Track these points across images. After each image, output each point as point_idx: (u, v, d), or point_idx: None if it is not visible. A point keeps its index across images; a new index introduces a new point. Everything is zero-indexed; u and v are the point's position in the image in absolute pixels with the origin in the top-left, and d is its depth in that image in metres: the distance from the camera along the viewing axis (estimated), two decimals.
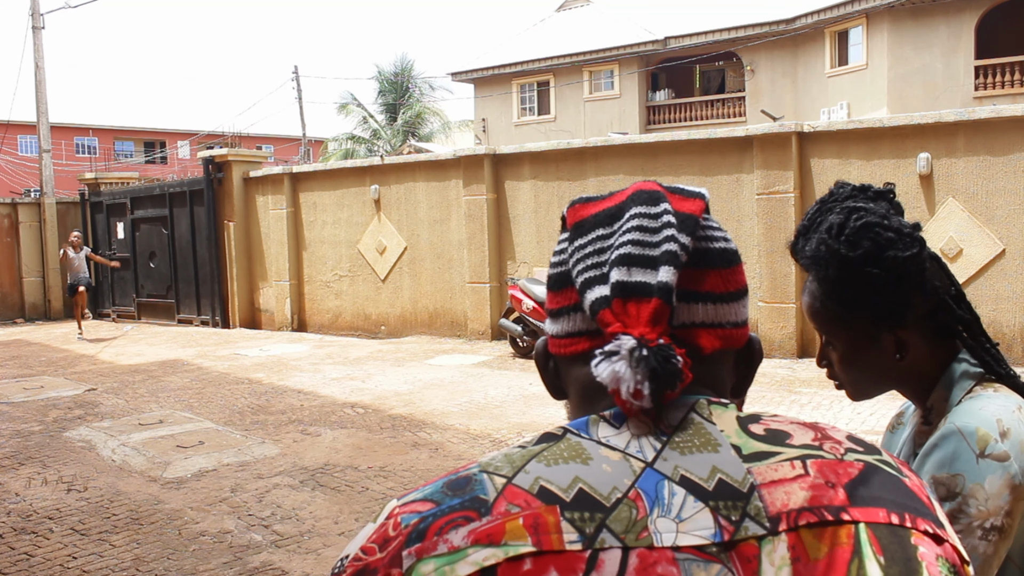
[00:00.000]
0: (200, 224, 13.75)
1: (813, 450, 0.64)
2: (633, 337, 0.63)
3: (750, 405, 6.73)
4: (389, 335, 11.88)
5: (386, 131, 34.95)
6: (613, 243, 0.69)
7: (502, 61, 28.63)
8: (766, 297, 8.91)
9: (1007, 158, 7.77)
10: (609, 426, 0.65)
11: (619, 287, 0.65)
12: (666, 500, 0.60)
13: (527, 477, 0.61)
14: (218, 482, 5.28)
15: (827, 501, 0.60)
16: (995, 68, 20.51)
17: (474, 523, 0.59)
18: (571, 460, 0.62)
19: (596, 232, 0.71)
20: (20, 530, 4.56)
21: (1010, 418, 1.11)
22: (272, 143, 45.27)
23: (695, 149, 9.38)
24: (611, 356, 0.63)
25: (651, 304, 0.64)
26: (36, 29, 16.88)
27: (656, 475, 0.61)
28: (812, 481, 0.61)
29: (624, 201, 0.72)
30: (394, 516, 0.62)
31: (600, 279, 0.67)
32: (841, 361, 1.25)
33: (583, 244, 0.71)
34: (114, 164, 38.13)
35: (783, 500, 0.60)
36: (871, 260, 1.14)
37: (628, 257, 0.66)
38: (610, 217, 0.71)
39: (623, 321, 0.64)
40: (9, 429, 6.91)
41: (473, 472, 0.64)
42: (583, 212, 0.73)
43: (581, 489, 0.60)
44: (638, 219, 0.69)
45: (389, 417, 6.85)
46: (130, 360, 10.51)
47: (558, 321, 0.72)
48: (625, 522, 0.59)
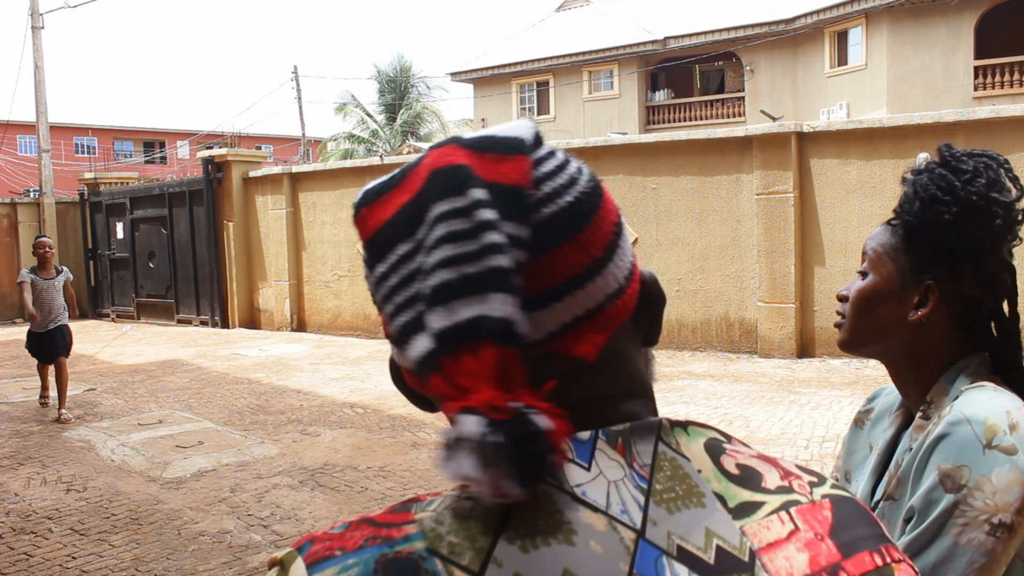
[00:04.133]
0: (199, 224, 13.75)
1: (788, 494, 0.57)
2: (477, 413, 0.47)
3: (749, 406, 6.73)
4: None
5: (385, 131, 34.95)
6: (422, 265, 0.51)
7: (501, 61, 28.65)
8: (765, 297, 8.91)
9: (1007, 158, 7.77)
10: (579, 469, 0.52)
11: (442, 337, 0.49)
12: None
13: (500, 573, 0.47)
14: (217, 482, 5.28)
15: (825, 561, 0.55)
16: (995, 68, 20.51)
17: None
18: (551, 538, 0.48)
19: (396, 251, 0.54)
20: (19, 530, 4.56)
21: (1019, 412, 1.07)
22: (271, 143, 45.28)
23: (694, 149, 9.38)
24: (454, 449, 0.47)
25: (488, 353, 0.48)
26: (36, 29, 16.88)
27: (652, 550, 0.51)
28: (804, 537, 0.55)
29: (420, 193, 0.53)
30: None
31: (415, 325, 0.51)
32: (861, 291, 1.22)
33: (384, 273, 0.55)
34: (113, 164, 38.17)
35: (787, 568, 0.54)
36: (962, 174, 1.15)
37: (445, 288, 0.49)
38: (408, 223, 0.53)
39: (459, 385, 0.48)
40: (8, 429, 6.91)
41: (418, 551, 0.48)
42: (372, 220, 0.56)
43: None
44: (445, 223, 0.51)
45: (389, 417, 6.85)
46: (129, 360, 10.51)
47: (395, 349, 0.55)
48: None
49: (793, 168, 8.70)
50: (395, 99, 35.57)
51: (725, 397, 7.07)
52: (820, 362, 8.45)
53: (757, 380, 7.76)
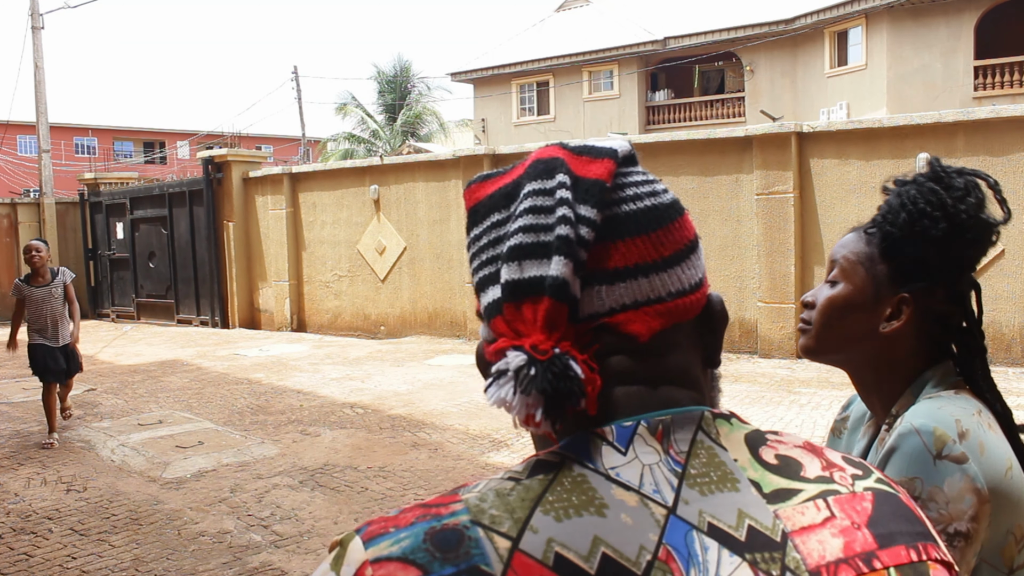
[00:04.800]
0: (199, 224, 13.75)
1: (828, 483, 0.59)
2: (523, 351, 0.55)
3: (749, 406, 6.73)
4: (388, 335, 11.88)
5: (385, 131, 34.96)
6: (509, 232, 0.59)
7: (501, 61, 28.65)
8: (765, 297, 8.91)
9: (1006, 158, 7.77)
10: (614, 452, 0.56)
11: (509, 288, 0.57)
12: (700, 557, 0.53)
13: (536, 540, 0.51)
14: (217, 482, 5.28)
15: (859, 548, 0.56)
16: (994, 68, 20.52)
17: None
18: (583, 510, 0.53)
19: (491, 218, 0.62)
20: (19, 530, 4.56)
21: (969, 420, 1.07)
22: (271, 143, 45.28)
23: (694, 149, 9.38)
24: (499, 378, 0.55)
25: (541, 305, 0.56)
26: (36, 29, 16.88)
27: (682, 524, 0.54)
28: (840, 524, 0.57)
29: (521, 175, 0.62)
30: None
31: (493, 278, 0.59)
32: (831, 299, 1.20)
33: (478, 235, 0.63)
34: (113, 164, 38.17)
35: (819, 551, 0.55)
36: (953, 191, 1.13)
37: (520, 248, 0.58)
38: (506, 197, 0.61)
39: (516, 329, 0.56)
40: (8, 429, 6.91)
41: (463, 522, 0.52)
42: (479, 193, 0.64)
43: (605, 554, 0.51)
44: (531, 198, 0.59)
45: (389, 417, 6.85)
46: (129, 360, 10.51)
47: (489, 321, 0.62)
48: None
49: (793, 168, 8.70)
50: (395, 99, 35.58)
51: (725, 397, 7.04)
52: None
53: (757, 380, 7.76)
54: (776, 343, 8.85)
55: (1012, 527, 1.05)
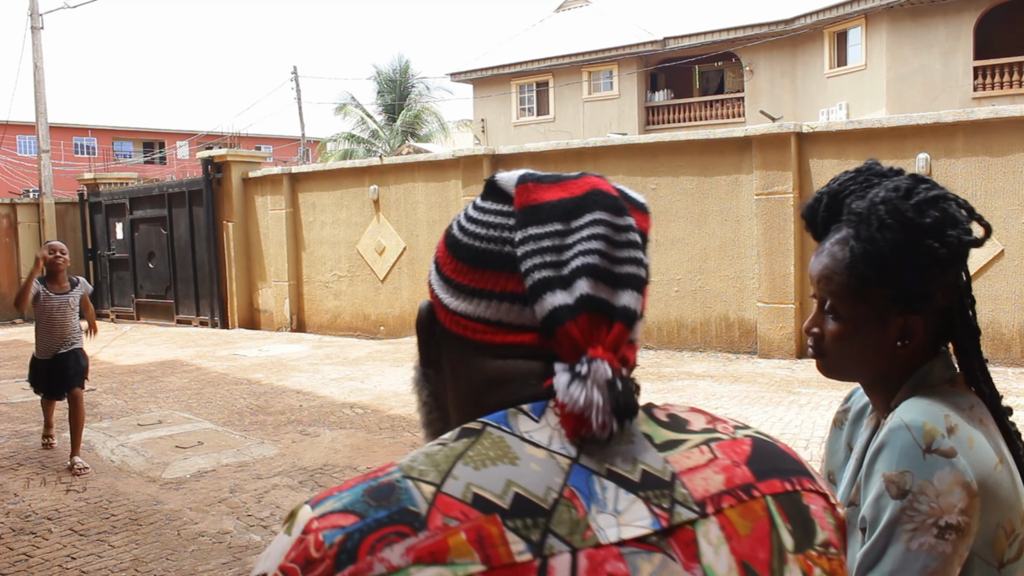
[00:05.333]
0: (199, 224, 13.75)
1: (711, 433, 0.68)
2: (608, 365, 0.62)
3: (749, 406, 6.73)
4: (388, 335, 11.88)
5: (385, 131, 34.96)
6: (572, 244, 0.66)
7: (501, 61, 28.64)
8: (765, 298, 8.91)
9: (1006, 159, 7.77)
10: (529, 419, 0.64)
11: (588, 302, 0.64)
12: (600, 495, 0.60)
13: (457, 484, 0.58)
14: (217, 483, 5.28)
15: (739, 480, 0.65)
16: (994, 69, 20.52)
17: (410, 539, 0.56)
18: (499, 461, 0.60)
19: (552, 225, 0.67)
20: (19, 530, 4.56)
21: (959, 415, 1.09)
22: (271, 143, 45.29)
23: (694, 149, 9.38)
24: (583, 380, 0.61)
25: (615, 328, 0.64)
26: (35, 29, 16.87)
27: (584, 471, 0.61)
28: (722, 463, 0.65)
29: (582, 197, 0.68)
30: (313, 532, 0.57)
31: (560, 283, 0.64)
32: (838, 333, 1.20)
33: (538, 235, 0.66)
34: (113, 164, 38.17)
35: (704, 486, 0.63)
36: (934, 232, 1.11)
37: (595, 269, 0.64)
38: (567, 212, 0.67)
39: (588, 341, 0.63)
40: (8, 429, 6.90)
41: (395, 478, 0.59)
42: (537, 195, 0.68)
43: (517, 494, 0.59)
44: (603, 227, 0.66)
45: (388, 417, 6.85)
46: (129, 360, 10.50)
47: (472, 301, 0.67)
48: (568, 524, 0.58)
49: (792, 168, 8.70)
50: (395, 99, 35.58)
51: (724, 397, 7.08)
52: None
53: (756, 380, 7.76)
54: (775, 343, 8.85)
55: (1002, 521, 1.06)
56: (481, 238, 0.68)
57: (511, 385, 0.66)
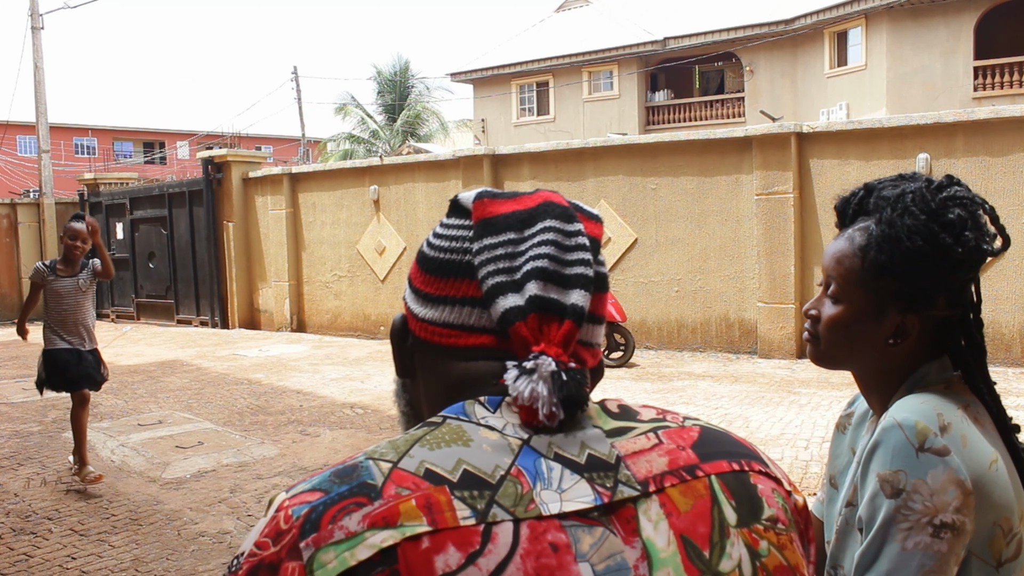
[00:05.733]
0: (199, 225, 13.75)
1: (660, 422, 0.72)
2: (553, 359, 0.66)
3: (749, 406, 6.73)
4: (388, 335, 11.87)
5: (385, 131, 34.96)
6: (524, 251, 0.70)
7: (501, 61, 28.64)
8: (765, 298, 8.91)
9: (1006, 159, 7.77)
10: (485, 408, 0.68)
11: (536, 302, 0.68)
12: (545, 475, 0.64)
13: (412, 461, 0.63)
14: (217, 483, 5.28)
15: (682, 462, 0.68)
16: (994, 69, 20.52)
17: (367, 507, 0.60)
18: (453, 443, 0.65)
19: (506, 235, 0.72)
20: (19, 530, 4.56)
21: (952, 413, 1.08)
22: (271, 143, 45.29)
23: (694, 150, 9.38)
24: (530, 374, 0.66)
25: (564, 325, 0.68)
26: (35, 29, 16.88)
27: (533, 453, 0.65)
28: (666, 448, 0.69)
29: (534, 208, 0.73)
30: (284, 509, 0.63)
31: (512, 287, 0.69)
32: (834, 319, 1.21)
33: (492, 244, 0.71)
34: (113, 164, 38.18)
35: (647, 468, 0.67)
36: (952, 229, 1.12)
37: (544, 272, 0.69)
38: (521, 222, 0.72)
39: (536, 338, 0.67)
40: (8, 429, 6.90)
41: (359, 460, 0.65)
42: (492, 208, 0.74)
43: (466, 470, 0.63)
44: (552, 233, 0.71)
45: (388, 417, 6.85)
46: (129, 360, 10.50)
47: (437, 308, 0.73)
48: (513, 497, 0.62)
49: (793, 168, 8.70)
50: (395, 100, 35.58)
51: (725, 397, 7.08)
52: None
53: (757, 380, 7.76)
54: (776, 343, 8.85)
55: (999, 519, 1.05)
56: (445, 250, 0.74)
57: (476, 385, 0.71)
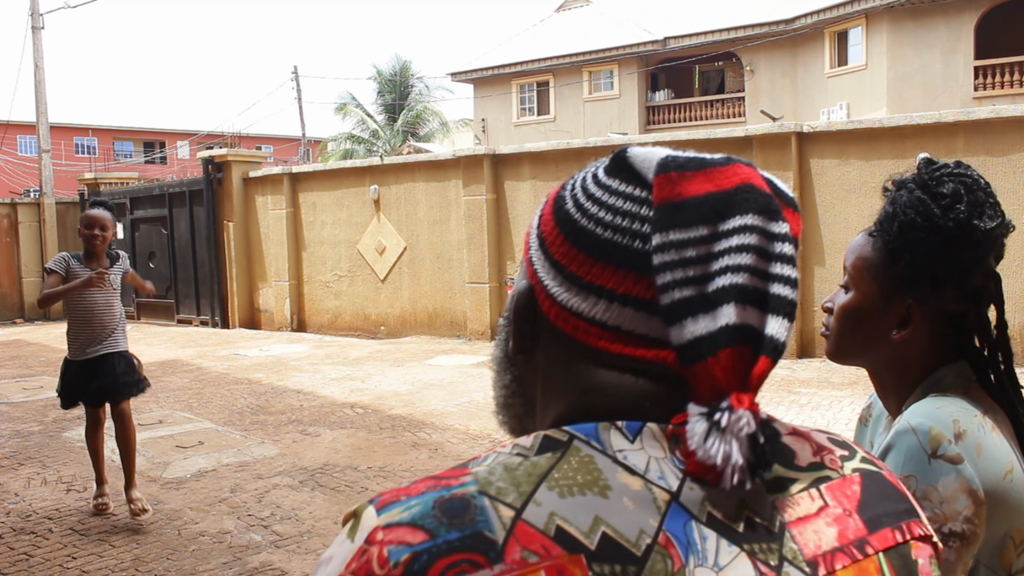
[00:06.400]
0: (199, 224, 13.75)
1: (820, 470, 0.61)
2: (751, 416, 0.54)
3: None
4: (389, 335, 11.88)
5: (385, 131, 34.96)
6: (719, 254, 0.57)
7: (502, 61, 28.65)
8: None
9: (1006, 158, 7.77)
10: (623, 438, 0.57)
11: (733, 334, 0.55)
12: (699, 545, 0.54)
13: (539, 512, 0.52)
14: (217, 482, 5.28)
15: (852, 536, 0.59)
16: (994, 68, 20.52)
17: (484, 570, 0.50)
18: (587, 490, 0.54)
19: (698, 230, 0.58)
20: (19, 530, 4.56)
21: (969, 421, 1.06)
22: (271, 143, 45.30)
23: (694, 149, 9.35)
24: (722, 431, 0.54)
25: (760, 364, 0.55)
26: (36, 29, 16.88)
27: (683, 514, 0.55)
28: (833, 513, 0.59)
29: (732, 193, 0.59)
30: (378, 544, 0.52)
31: (702, 305, 0.56)
32: (843, 307, 1.21)
33: (681, 241, 0.58)
34: (113, 164, 38.19)
35: (815, 541, 0.57)
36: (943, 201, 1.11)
37: (744, 291, 0.56)
38: (715, 213, 0.58)
39: (729, 383, 0.55)
40: (8, 429, 6.90)
41: (471, 492, 0.54)
42: (682, 188, 0.59)
43: (605, 534, 0.52)
44: (755, 236, 0.57)
45: (389, 417, 6.85)
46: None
47: (587, 298, 0.60)
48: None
49: (793, 168, 8.70)
50: (395, 99, 35.59)
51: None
52: (820, 362, 8.45)
53: None
54: None
55: (1011, 531, 1.04)
56: (606, 225, 0.60)
57: (619, 401, 0.59)
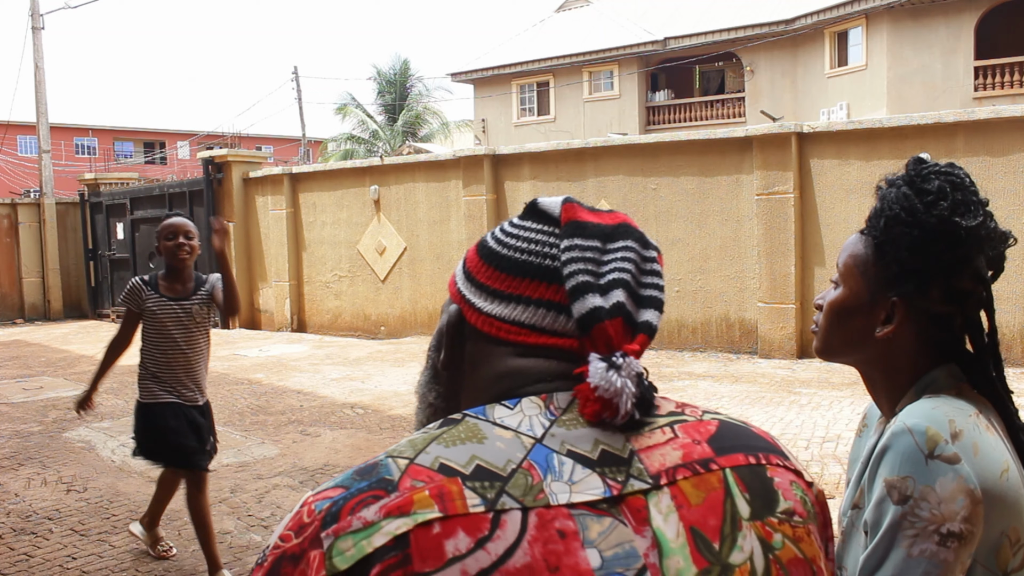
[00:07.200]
0: (200, 224, 13.72)
1: (677, 416, 0.74)
2: (636, 362, 0.70)
3: (750, 407, 6.73)
4: (389, 335, 11.88)
5: (385, 132, 34.96)
6: (608, 261, 0.75)
7: (502, 62, 28.65)
8: (765, 298, 8.91)
9: (1007, 159, 7.77)
10: (504, 408, 0.71)
11: (622, 309, 0.72)
12: (557, 468, 0.66)
13: (428, 457, 0.66)
14: (217, 482, 5.28)
15: (697, 456, 0.70)
16: (994, 69, 20.52)
17: (383, 499, 0.63)
18: (468, 440, 0.68)
19: (593, 241, 0.76)
20: (20, 530, 4.56)
21: (965, 421, 1.06)
22: (271, 143, 45.29)
23: (694, 150, 9.38)
24: (618, 369, 0.69)
25: (639, 338, 0.72)
26: (36, 29, 16.88)
27: (545, 449, 0.68)
28: (681, 441, 0.71)
29: (615, 227, 0.78)
30: (308, 504, 0.67)
31: (598, 289, 0.73)
32: (831, 304, 1.22)
33: (583, 246, 0.75)
34: (114, 165, 38.20)
35: (660, 461, 0.69)
36: (927, 197, 1.12)
37: (627, 284, 0.73)
38: (605, 235, 0.76)
39: (620, 340, 0.71)
40: (8, 429, 6.90)
41: (380, 458, 0.68)
42: (583, 215, 0.78)
43: (478, 464, 0.66)
44: (633, 253, 0.76)
45: (389, 418, 6.85)
46: (129, 360, 10.46)
47: (508, 305, 0.75)
48: (522, 487, 0.64)
49: (793, 168, 8.70)
50: (395, 100, 35.58)
51: (725, 397, 7.07)
52: (820, 363, 8.45)
53: (757, 381, 7.75)
54: (776, 343, 8.85)
55: (1007, 529, 1.04)
56: (521, 250, 0.77)
57: (524, 380, 0.74)
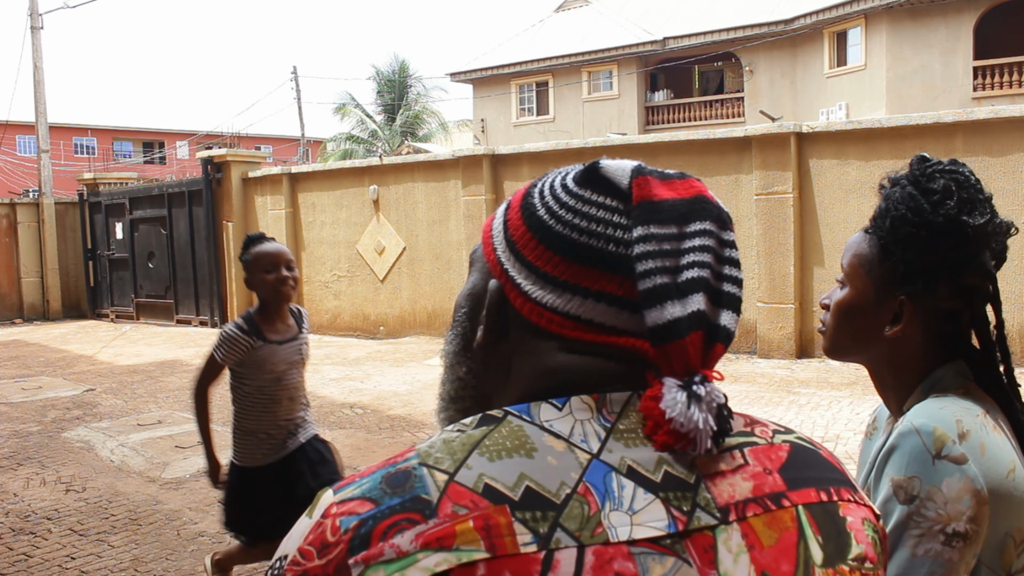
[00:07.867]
0: (199, 224, 13.75)
1: (747, 437, 0.66)
2: (718, 390, 0.62)
3: (749, 407, 6.73)
4: (388, 335, 11.88)
5: (384, 131, 34.96)
6: (685, 251, 0.64)
7: (501, 62, 28.65)
8: (764, 298, 8.91)
9: (1006, 159, 7.77)
10: (552, 408, 0.63)
11: (702, 320, 0.63)
12: (616, 493, 0.59)
13: (470, 474, 0.58)
14: None
15: (768, 489, 0.63)
16: (994, 69, 20.53)
17: (420, 526, 0.56)
18: (515, 452, 0.60)
19: (670, 227, 0.65)
20: (18, 530, 4.56)
21: (972, 421, 1.06)
22: (271, 143, 45.30)
23: (694, 150, 9.38)
24: (699, 400, 0.61)
25: (717, 349, 0.64)
26: (35, 29, 16.87)
27: (603, 467, 0.60)
28: (752, 470, 0.64)
29: (691, 201, 0.67)
30: (331, 517, 0.59)
31: (676, 293, 0.63)
32: (838, 303, 1.22)
33: (659, 235, 0.65)
34: (113, 164, 38.18)
35: (729, 492, 0.62)
36: (933, 197, 1.12)
37: (707, 284, 0.64)
38: (681, 216, 0.66)
39: (700, 361, 0.62)
40: (7, 429, 6.90)
41: (412, 465, 0.60)
42: (657, 191, 0.67)
43: (528, 487, 0.58)
44: (711, 239, 0.65)
45: (388, 418, 6.84)
46: (129, 360, 10.50)
47: (562, 296, 0.65)
48: (578, 519, 0.58)
49: (792, 169, 8.70)
50: (394, 100, 35.59)
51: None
52: (819, 363, 8.45)
53: (756, 381, 7.76)
54: (775, 343, 8.85)
55: (1012, 530, 1.04)
56: (582, 231, 0.66)
57: (583, 378, 0.65)
